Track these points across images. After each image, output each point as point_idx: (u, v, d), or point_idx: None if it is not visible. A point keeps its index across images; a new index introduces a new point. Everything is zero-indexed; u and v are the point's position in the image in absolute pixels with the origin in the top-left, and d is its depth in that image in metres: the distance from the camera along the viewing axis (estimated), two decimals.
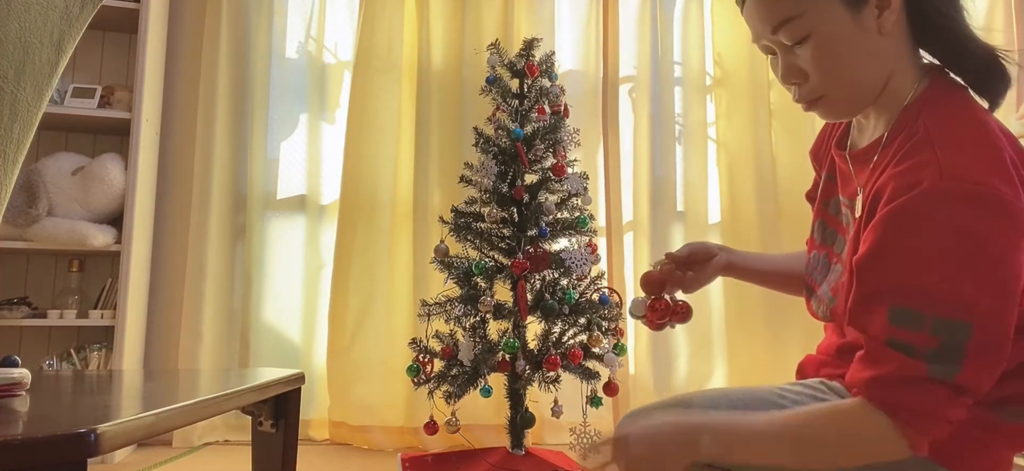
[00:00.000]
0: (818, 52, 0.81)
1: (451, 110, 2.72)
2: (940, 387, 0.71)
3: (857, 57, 0.81)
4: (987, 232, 0.70)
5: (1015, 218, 0.70)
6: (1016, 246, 0.70)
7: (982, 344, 0.70)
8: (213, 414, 0.91)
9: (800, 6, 0.80)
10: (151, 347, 2.60)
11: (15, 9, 0.74)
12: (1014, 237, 0.70)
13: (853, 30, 0.80)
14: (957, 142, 0.75)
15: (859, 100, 0.84)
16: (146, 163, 2.48)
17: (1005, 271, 0.70)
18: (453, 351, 1.90)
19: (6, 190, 0.78)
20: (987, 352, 0.71)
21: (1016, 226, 0.70)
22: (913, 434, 0.73)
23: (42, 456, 0.59)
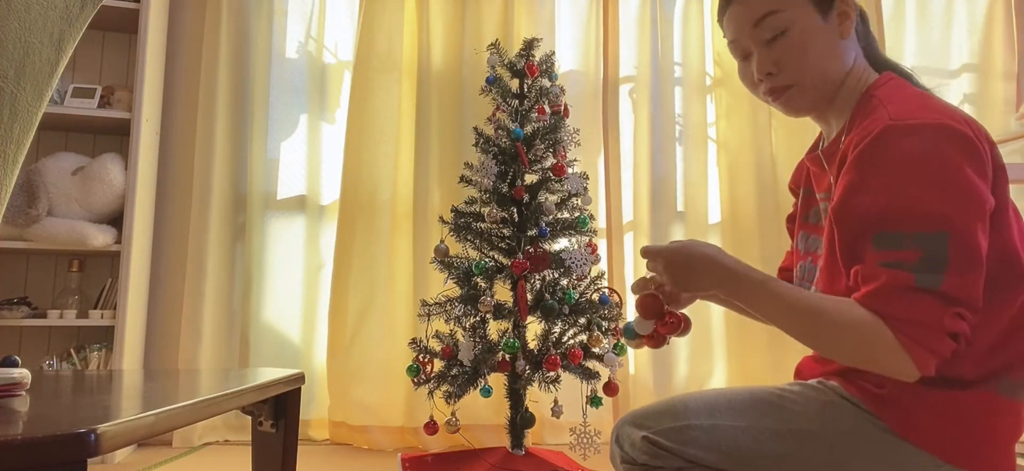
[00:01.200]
0: (792, 45, 0.95)
1: (451, 110, 2.72)
2: (929, 295, 0.77)
3: (823, 54, 0.95)
4: (942, 153, 0.79)
5: (966, 143, 0.80)
6: (969, 167, 0.79)
7: (961, 251, 0.77)
8: (213, 414, 0.91)
9: (781, 3, 0.94)
10: (151, 347, 2.60)
11: (15, 9, 0.74)
12: (965, 160, 0.79)
13: (821, 30, 0.94)
14: (905, 100, 0.86)
15: (821, 92, 0.97)
16: (146, 163, 2.48)
17: (967, 184, 0.78)
18: (453, 351, 1.90)
19: (6, 190, 0.78)
20: (967, 260, 0.77)
21: (967, 151, 0.79)
22: (914, 347, 0.77)
23: (42, 456, 0.59)
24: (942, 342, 0.78)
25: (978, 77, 3.03)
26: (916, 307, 0.77)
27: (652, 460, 0.91)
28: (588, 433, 1.92)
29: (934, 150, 0.79)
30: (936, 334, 0.77)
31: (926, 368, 0.78)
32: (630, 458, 0.95)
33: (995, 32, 3.05)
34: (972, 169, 0.79)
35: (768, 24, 0.95)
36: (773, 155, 2.83)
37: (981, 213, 0.79)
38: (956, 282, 0.77)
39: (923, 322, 0.77)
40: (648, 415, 0.94)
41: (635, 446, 0.93)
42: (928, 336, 0.78)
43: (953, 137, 0.80)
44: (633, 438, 0.94)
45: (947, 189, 0.78)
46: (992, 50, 3.04)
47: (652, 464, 0.91)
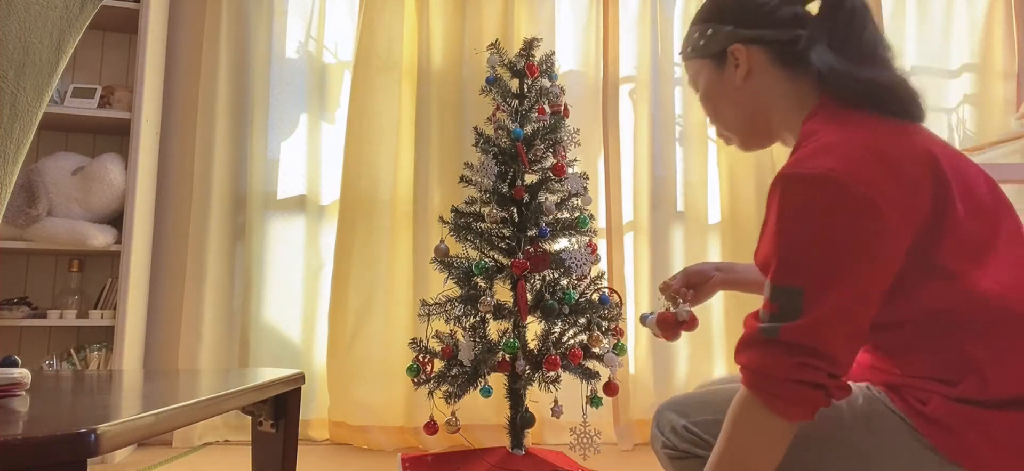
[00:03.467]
0: (706, 99, 1.05)
1: (451, 110, 2.72)
2: (769, 344, 0.78)
3: (726, 102, 1.02)
4: (814, 207, 0.78)
5: (843, 195, 0.77)
6: (841, 220, 0.77)
7: (814, 304, 0.76)
8: (213, 414, 0.91)
9: (692, 68, 1.06)
10: (151, 347, 2.60)
11: (15, 9, 0.74)
12: (838, 214, 0.77)
13: (720, 82, 1.01)
14: (814, 142, 0.84)
15: (750, 133, 1.03)
16: (146, 163, 2.48)
17: (834, 235, 0.77)
18: (453, 351, 1.90)
19: (6, 190, 0.78)
20: (825, 311, 0.76)
21: (843, 203, 0.77)
22: (760, 394, 0.79)
23: (42, 456, 0.59)
24: (789, 389, 0.77)
25: (978, 77, 3.03)
26: (757, 355, 0.79)
27: (693, 448, 0.93)
28: (588, 433, 1.91)
29: (806, 200, 0.79)
30: (778, 382, 0.78)
31: (789, 415, 0.79)
32: (671, 444, 0.98)
33: (995, 32, 3.05)
34: (845, 221, 0.77)
35: (693, 84, 1.07)
36: (773, 155, 2.82)
37: (848, 266, 0.77)
38: (799, 331, 0.77)
39: (760, 369, 0.79)
40: (691, 404, 0.96)
41: (676, 433, 0.96)
42: (768, 383, 0.78)
43: (825, 184, 0.78)
44: (674, 425, 0.96)
45: (812, 244, 0.78)
46: (992, 50, 3.04)
47: (693, 452, 0.93)
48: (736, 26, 0.98)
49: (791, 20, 0.94)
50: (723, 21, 0.99)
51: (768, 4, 0.96)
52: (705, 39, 1.02)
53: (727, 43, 0.98)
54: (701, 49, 1.03)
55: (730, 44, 0.98)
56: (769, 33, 0.95)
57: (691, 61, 1.06)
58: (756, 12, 0.97)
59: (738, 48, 0.98)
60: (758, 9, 0.97)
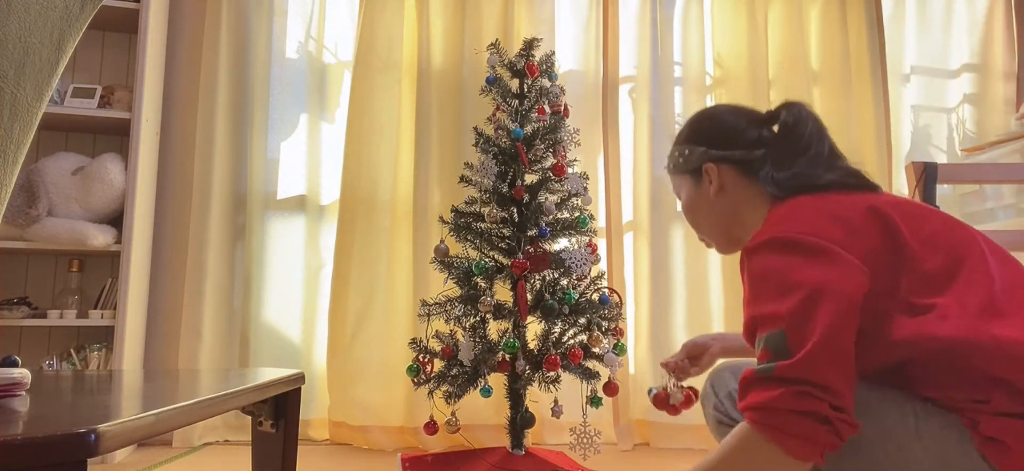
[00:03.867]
0: (686, 208, 1.21)
1: (451, 110, 2.72)
2: (768, 380, 0.84)
3: (703, 213, 1.18)
4: (770, 264, 0.90)
5: (791, 244, 0.90)
6: (799, 259, 0.88)
7: (800, 339, 0.83)
8: (213, 414, 0.91)
9: (675, 182, 1.23)
10: (151, 347, 2.60)
11: (15, 9, 0.74)
12: (794, 257, 0.88)
13: (698, 195, 1.17)
14: (773, 220, 0.98)
15: (725, 237, 1.17)
16: (146, 163, 2.48)
17: (798, 278, 0.86)
18: (453, 351, 1.90)
19: (6, 190, 0.78)
20: (811, 345, 0.82)
21: (794, 249, 0.89)
22: (765, 429, 0.84)
23: (42, 456, 0.59)
24: (795, 423, 0.82)
25: (978, 77, 3.03)
26: (758, 394, 0.84)
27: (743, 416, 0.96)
28: (588, 433, 1.91)
29: (766, 263, 0.91)
30: (782, 415, 0.82)
31: (798, 453, 0.82)
32: (723, 409, 1.07)
33: (995, 32, 3.05)
34: (802, 263, 0.88)
35: (676, 195, 1.24)
36: None
37: (817, 300, 0.85)
38: (792, 367, 0.82)
39: (763, 405, 0.83)
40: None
41: (731, 398, 1.05)
42: (773, 417, 0.83)
43: (779, 245, 0.91)
44: (731, 390, 1.04)
45: (782, 290, 0.87)
46: (992, 50, 3.04)
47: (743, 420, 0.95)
48: (708, 147, 1.14)
49: (755, 141, 1.12)
50: (698, 142, 1.16)
51: (735, 128, 1.14)
52: (683, 158, 1.18)
53: (701, 162, 1.15)
54: (680, 166, 1.19)
55: (703, 162, 1.14)
56: (736, 153, 1.12)
57: (673, 176, 1.23)
58: (725, 135, 1.14)
59: (710, 167, 1.14)
60: (727, 133, 1.14)
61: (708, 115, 1.20)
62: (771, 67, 2.88)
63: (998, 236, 2.14)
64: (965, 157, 2.81)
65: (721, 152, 1.13)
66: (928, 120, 3.03)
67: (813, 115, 1.11)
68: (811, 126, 1.09)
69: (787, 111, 1.11)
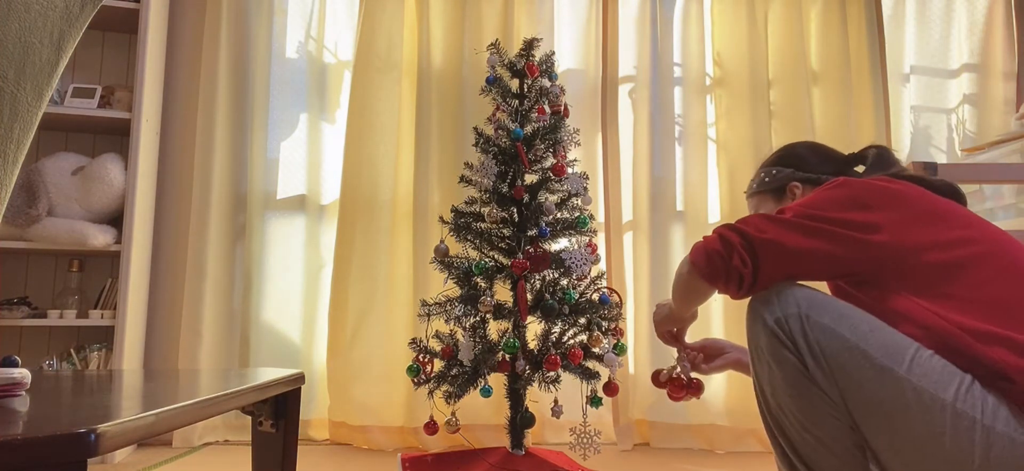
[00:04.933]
0: None
1: (451, 110, 2.72)
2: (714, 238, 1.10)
3: None
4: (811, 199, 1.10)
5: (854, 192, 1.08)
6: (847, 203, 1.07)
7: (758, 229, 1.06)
8: (213, 414, 0.91)
9: (755, 202, 1.40)
10: (151, 347, 2.61)
11: (15, 9, 0.74)
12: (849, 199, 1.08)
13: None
14: None
15: None
16: (146, 163, 2.48)
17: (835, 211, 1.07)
18: (453, 351, 1.90)
19: (6, 190, 0.78)
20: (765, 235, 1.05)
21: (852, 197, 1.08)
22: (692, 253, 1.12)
23: (42, 456, 0.59)
24: (705, 244, 1.08)
25: (978, 77, 3.03)
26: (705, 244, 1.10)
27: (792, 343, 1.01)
28: (588, 433, 1.91)
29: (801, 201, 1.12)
30: (703, 241, 1.10)
31: (698, 264, 1.09)
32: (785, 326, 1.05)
33: (995, 32, 3.05)
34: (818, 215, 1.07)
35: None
36: None
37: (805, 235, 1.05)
38: (737, 225, 1.07)
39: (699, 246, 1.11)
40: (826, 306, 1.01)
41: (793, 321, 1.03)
42: (698, 245, 1.10)
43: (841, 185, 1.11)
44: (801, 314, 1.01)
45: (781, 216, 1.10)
46: (992, 50, 3.04)
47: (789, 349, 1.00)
48: (796, 168, 1.33)
49: (836, 173, 1.31)
50: (785, 165, 1.35)
51: (822, 156, 1.34)
52: (769, 177, 1.36)
53: (787, 181, 1.33)
54: (765, 185, 1.36)
55: (789, 182, 1.33)
56: (822, 177, 1.30)
57: (754, 197, 1.39)
58: (812, 162, 1.33)
59: (795, 185, 1.32)
60: (814, 160, 1.33)
61: (795, 146, 1.38)
62: (771, 67, 2.88)
63: None
64: (965, 157, 2.81)
65: (806, 173, 1.31)
66: (928, 120, 3.03)
67: (898, 160, 1.28)
68: (897, 166, 1.25)
69: (876, 152, 1.28)
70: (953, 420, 0.88)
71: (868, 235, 1.02)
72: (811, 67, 2.90)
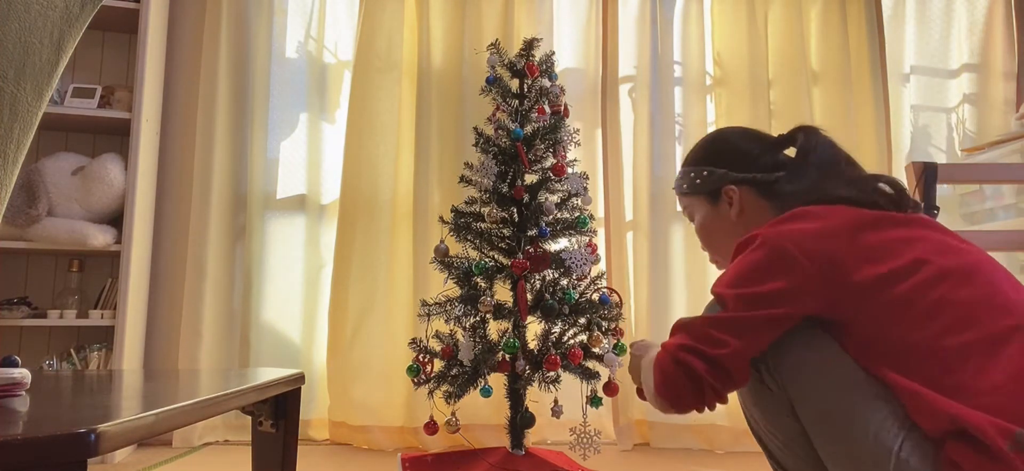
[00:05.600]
0: (700, 230, 1.23)
1: (451, 110, 2.71)
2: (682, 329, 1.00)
3: (721, 235, 1.19)
4: (757, 258, 0.98)
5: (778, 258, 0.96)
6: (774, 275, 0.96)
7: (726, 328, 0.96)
8: (213, 414, 0.91)
9: (686, 202, 1.25)
10: (151, 347, 2.60)
11: (15, 9, 0.74)
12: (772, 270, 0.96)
13: (714, 216, 1.19)
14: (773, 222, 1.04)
15: None
16: (146, 163, 2.48)
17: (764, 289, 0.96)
18: (453, 351, 1.90)
19: (6, 190, 0.78)
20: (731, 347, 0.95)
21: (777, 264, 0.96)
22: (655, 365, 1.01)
23: (42, 456, 0.59)
24: (669, 363, 0.97)
25: (978, 77, 3.03)
26: (673, 336, 1.01)
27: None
28: (588, 433, 1.91)
29: (747, 258, 0.99)
30: (667, 354, 0.98)
31: (659, 387, 0.99)
32: None
33: (995, 32, 3.05)
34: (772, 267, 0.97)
35: (686, 215, 1.26)
36: None
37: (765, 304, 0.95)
38: (705, 325, 0.97)
39: (667, 345, 1.00)
40: None
41: None
42: (664, 355, 0.99)
43: (760, 245, 0.98)
44: None
45: (740, 281, 0.98)
46: (992, 50, 3.04)
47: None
48: (729, 169, 1.17)
49: (772, 165, 1.15)
50: (716, 164, 1.18)
51: (752, 151, 1.17)
52: (701, 179, 1.20)
53: (720, 184, 1.17)
54: (697, 187, 1.20)
55: (723, 185, 1.17)
56: (757, 176, 1.15)
57: (685, 197, 1.24)
58: (743, 158, 1.17)
59: (731, 189, 1.16)
60: (745, 155, 1.17)
61: (723, 137, 1.23)
62: (771, 67, 2.88)
63: (998, 236, 2.14)
64: (965, 157, 2.81)
65: (740, 174, 1.16)
66: (928, 120, 3.03)
67: (830, 140, 1.14)
68: (829, 149, 1.12)
69: (804, 136, 1.15)
70: (874, 446, 0.87)
71: (794, 308, 0.94)
72: (811, 67, 2.90)
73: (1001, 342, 0.84)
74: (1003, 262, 2.74)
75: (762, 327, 0.95)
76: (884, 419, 0.87)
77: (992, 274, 0.92)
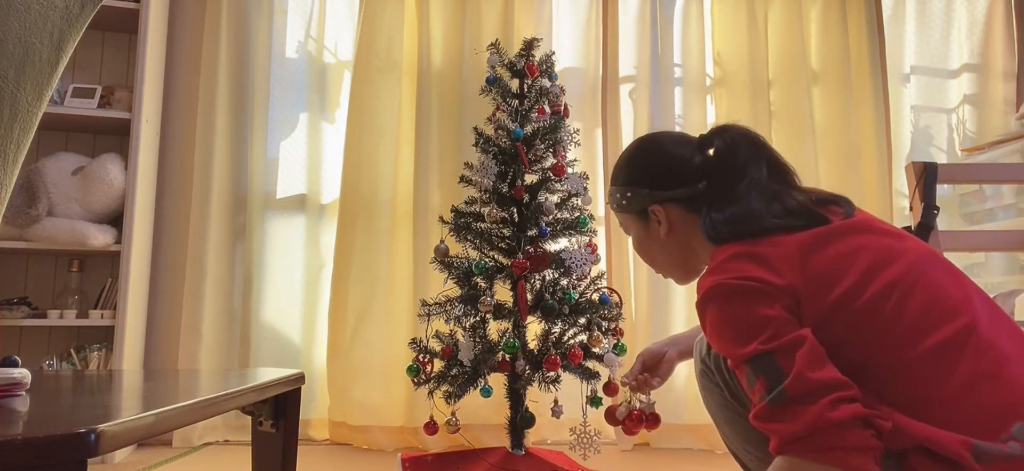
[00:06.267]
0: (635, 244, 1.22)
1: (451, 110, 2.71)
2: (787, 406, 0.82)
3: (654, 249, 1.19)
4: (737, 307, 0.91)
5: (748, 289, 0.91)
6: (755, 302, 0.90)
7: (785, 354, 0.85)
8: (213, 414, 0.91)
9: (622, 219, 1.22)
10: (151, 347, 2.60)
11: (15, 8, 0.74)
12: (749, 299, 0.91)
13: (646, 234, 1.18)
14: (712, 267, 0.99)
15: (679, 270, 1.20)
16: (146, 163, 2.48)
17: (763, 314, 0.89)
18: (453, 351, 1.90)
19: (6, 190, 0.78)
20: (798, 355, 0.84)
21: (750, 294, 0.91)
22: (817, 453, 0.81)
23: (42, 456, 0.59)
24: (841, 435, 0.79)
25: (978, 77, 3.03)
26: (785, 425, 0.82)
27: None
28: (588, 433, 1.91)
29: (721, 313, 0.93)
30: (826, 432, 0.80)
31: (858, 465, 0.80)
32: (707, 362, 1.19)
33: (995, 32, 3.05)
34: (755, 299, 0.91)
35: (624, 230, 1.25)
36: None
37: (778, 331, 0.87)
38: (800, 380, 0.82)
39: (800, 432, 0.81)
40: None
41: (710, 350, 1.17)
42: (819, 437, 0.80)
43: (727, 294, 0.93)
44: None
45: (750, 330, 0.89)
46: (992, 50, 3.04)
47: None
48: (652, 189, 1.13)
49: (695, 173, 1.10)
50: (640, 184, 1.14)
51: (673, 165, 1.12)
52: (627, 200, 1.17)
53: (646, 204, 1.14)
54: (624, 207, 1.18)
55: (648, 205, 1.13)
56: (680, 192, 1.10)
57: (618, 214, 1.22)
58: (666, 174, 1.12)
59: (656, 209, 1.12)
60: (667, 171, 1.12)
61: (645, 150, 1.18)
62: (771, 67, 2.88)
63: (998, 236, 2.14)
64: (965, 157, 2.81)
65: (664, 192, 1.12)
66: (928, 120, 3.03)
67: (749, 137, 1.08)
68: (745, 151, 1.06)
69: (720, 137, 1.09)
70: None
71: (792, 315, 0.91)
72: (811, 67, 2.90)
73: (955, 348, 0.85)
74: (1003, 262, 2.74)
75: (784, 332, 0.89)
76: None
77: (934, 272, 0.92)
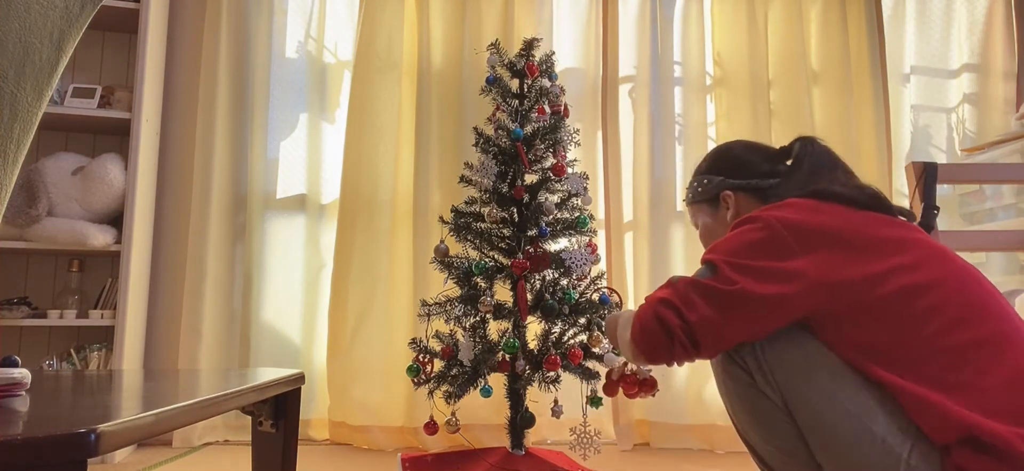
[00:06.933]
0: (703, 234, 1.32)
1: (451, 110, 2.71)
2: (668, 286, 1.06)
3: (719, 235, 1.25)
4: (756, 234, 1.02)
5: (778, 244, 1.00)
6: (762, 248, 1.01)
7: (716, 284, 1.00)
8: (213, 414, 0.91)
9: (693, 210, 1.35)
10: (151, 347, 2.60)
11: (15, 8, 0.74)
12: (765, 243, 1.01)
13: (714, 221, 1.29)
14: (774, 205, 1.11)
15: None
16: (146, 163, 2.48)
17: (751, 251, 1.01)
18: (453, 351, 1.90)
19: (6, 190, 0.78)
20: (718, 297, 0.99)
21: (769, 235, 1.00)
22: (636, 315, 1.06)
23: (42, 456, 0.58)
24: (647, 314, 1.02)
25: (978, 77, 3.03)
26: (660, 290, 1.06)
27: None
28: (588, 433, 1.91)
29: (747, 232, 1.03)
30: (648, 305, 1.03)
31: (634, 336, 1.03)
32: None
33: (995, 32, 3.05)
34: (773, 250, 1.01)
35: (694, 223, 1.36)
36: None
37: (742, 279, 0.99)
38: (690, 286, 1.01)
39: (650, 297, 1.06)
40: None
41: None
42: (645, 306, 1.04)
43: (763, 226, 1.02)
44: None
45: (737, 249, 1.02)
46: (992, 50, 3.04)
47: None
48: (726, 177, 1.26)
49: (769, 172, 1.23)
50: (716, 173, 1.28)
51: (751, 161, 1.26)
52: (702, 187, 1.30)
53: (719, 190, 1.27)
54: (699, 195, 1.31)
55: (722, 191, 1.26)
56: (752, 181, 1.23)
57: (692, 206, 1.34)
58: (742, 166, 1.26)
59: (727, 194, 1.25)
60: (743, 164, 1.26)
61: (725, 149, 1.31)
62: (771, 67, 2.88)
63: (998, 236, 2.14)
64: (965, 157, 2.81)
65: (738, 181, 1.25)
66: (928, 120, 3.03)
67: (826, 148, 1.20)
68: (823, 157, 1.18)
69: (801, 143, 1.22)
70: (882, 454, 0.88)
71: (783, 287, 0.95)
72: (811, 67, 2.90)
73: (997, 343, 0.87)
74: (1003, 262, 2.74)
75: (741, 304, 0.97)
76: (888, 423, 0.87)
77: (976, 283, 0.96)
